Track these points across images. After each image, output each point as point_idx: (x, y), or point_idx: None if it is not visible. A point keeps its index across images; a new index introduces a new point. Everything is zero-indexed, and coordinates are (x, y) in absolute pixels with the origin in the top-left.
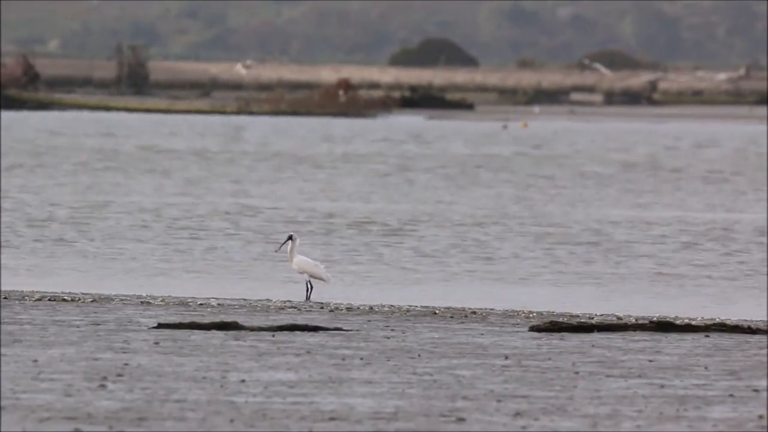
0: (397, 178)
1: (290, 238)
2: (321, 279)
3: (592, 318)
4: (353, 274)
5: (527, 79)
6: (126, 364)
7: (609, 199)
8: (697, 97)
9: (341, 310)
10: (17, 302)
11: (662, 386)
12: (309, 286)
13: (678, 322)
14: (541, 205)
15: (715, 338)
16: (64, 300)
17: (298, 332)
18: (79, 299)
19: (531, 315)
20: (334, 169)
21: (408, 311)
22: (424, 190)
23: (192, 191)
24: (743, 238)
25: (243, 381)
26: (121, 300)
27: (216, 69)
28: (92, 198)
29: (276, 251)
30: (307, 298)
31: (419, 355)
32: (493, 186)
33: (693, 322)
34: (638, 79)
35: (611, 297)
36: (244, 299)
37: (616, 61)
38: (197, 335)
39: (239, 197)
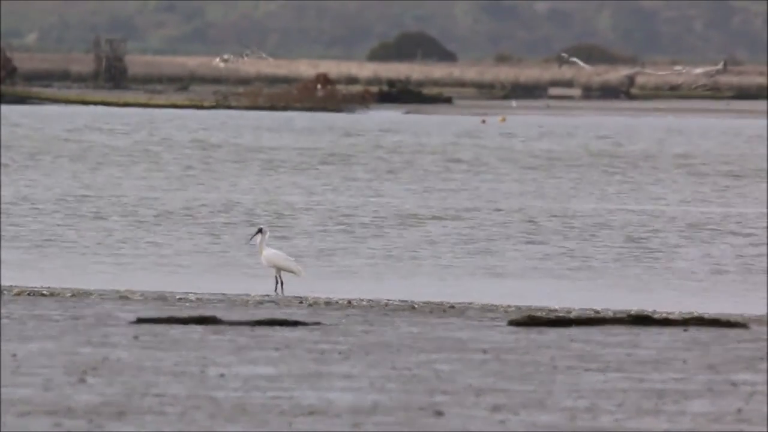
0: (369, 173)
1: (260, 230)
2: (292, 272)
3: (570, 312)
4: (331, 269)
5: (505, 73)
6: (105, 359)
7: (580, 191)
8: (674, 92)
9: (320, 304)
10: None
11: (641, 380)
12: (279, 279)
13: (656, 316)
14: (516, 197)
15: (694, 332)
16: (43, 295)
17: (277, 327)
18: (59, 294)
19: (509, 309)
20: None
21: (387, 306)
22: (394, 184)
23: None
24: (721, 232)
25: (222, 375)
26: (100, 295)
27: (194, 63)
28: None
29: (246, 243)
30: (278, 291)
31: (398, 350)
32: (463, 180)
33: (671, 316)
34: (616, 74)
35: (589, 291)
36: (223, 294)
37: (593, 55)
38: (176, 330)
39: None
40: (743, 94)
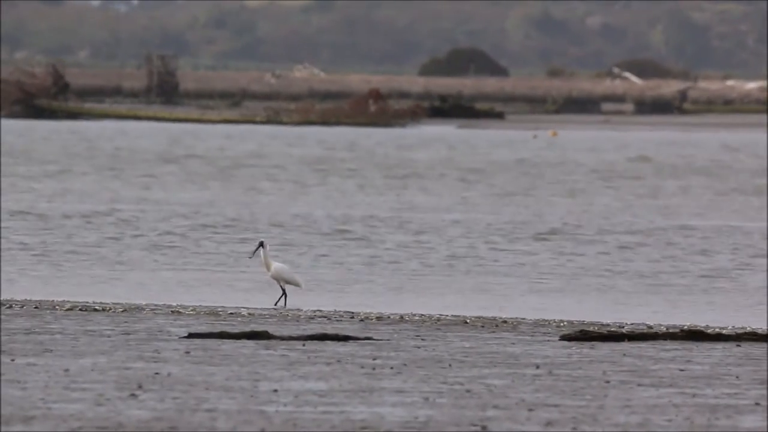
0: (409, 183)
1: (261, 245)
2: (297, 284)
3: (623, 327)
4: (382, 284)
5: (557, 88)
6: (157, 374)
7: (630, 205)
8: (727, 106)
9: (371, 319)
10: (48, 312)
11: (693, 395)
12: (284, 291)
13: (709, 331)
14: (564, 214)
15: (746, 347)
16: (95, 310)
17: (328, 341)
18: (110, 309)
19: (562, 324)
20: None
21: (439, 320)
22: (450, 197)
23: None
24: None
25: (274, 390)
26: (152, 309)
27: (246, 78)
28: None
29: (249, 257)
30: (283, 303)
31: (450, 365)
32: (512, 194)
33: (724, 331)
34: (669, 88)
35: (642, 306)
36: (275, 308)
37: (646, 69)
38: (228, 344)
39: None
40: None
